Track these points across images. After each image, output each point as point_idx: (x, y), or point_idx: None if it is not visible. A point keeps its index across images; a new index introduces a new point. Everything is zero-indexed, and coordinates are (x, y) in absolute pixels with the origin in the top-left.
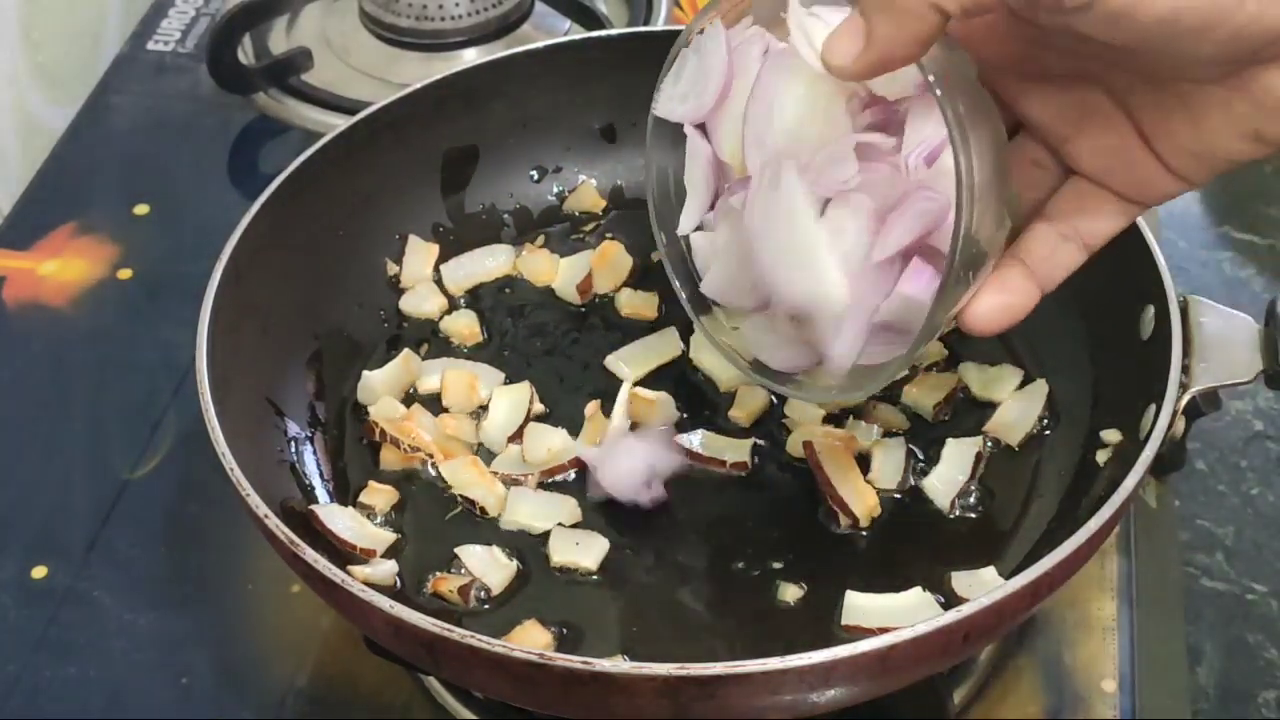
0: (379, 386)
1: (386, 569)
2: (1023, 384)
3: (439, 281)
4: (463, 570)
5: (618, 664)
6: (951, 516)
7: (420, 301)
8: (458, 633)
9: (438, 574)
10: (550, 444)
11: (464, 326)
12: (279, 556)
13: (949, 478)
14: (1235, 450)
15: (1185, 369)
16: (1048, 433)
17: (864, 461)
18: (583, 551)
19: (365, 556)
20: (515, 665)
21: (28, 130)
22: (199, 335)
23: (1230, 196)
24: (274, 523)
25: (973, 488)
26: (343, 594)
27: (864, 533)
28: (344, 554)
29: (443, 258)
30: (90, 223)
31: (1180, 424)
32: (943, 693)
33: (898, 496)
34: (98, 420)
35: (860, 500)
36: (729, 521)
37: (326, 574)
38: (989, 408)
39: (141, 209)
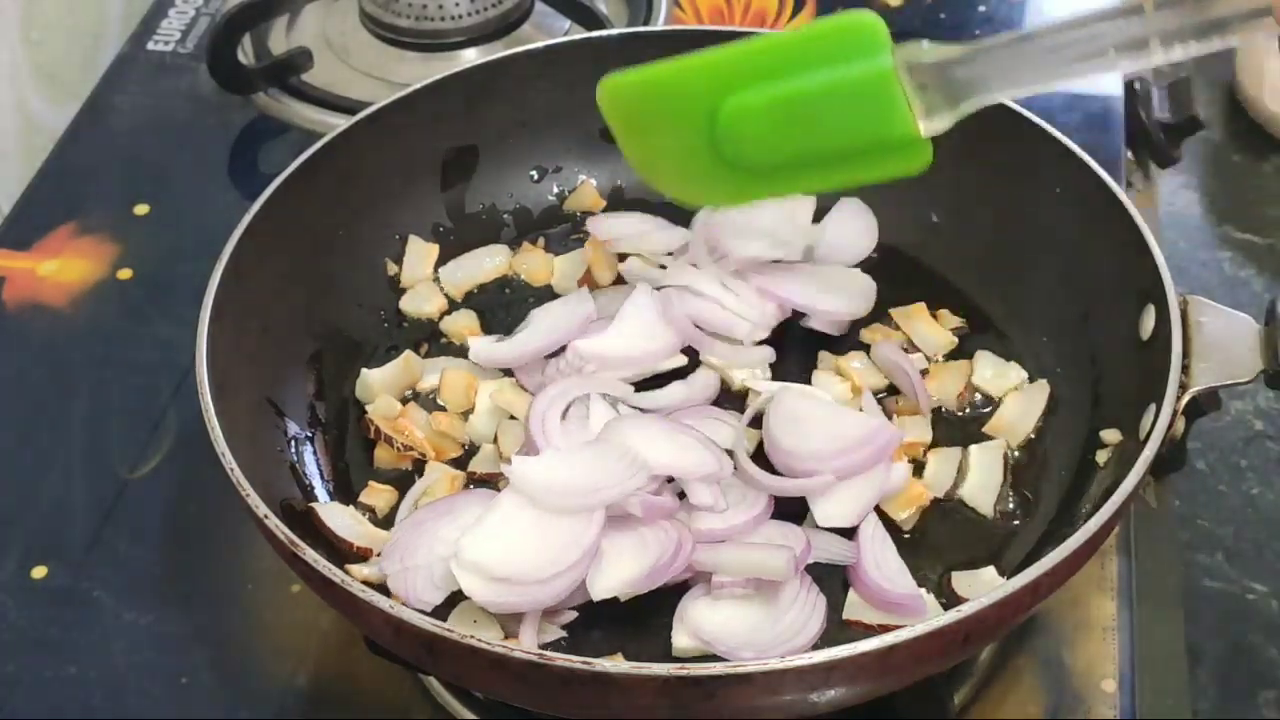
0: (376, 385)
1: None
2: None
3: (438, 282)
4: None
5: (618, 664)
6: (996, 521)
7: (420, 302)
8: (457, 633)
9: None
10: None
11: (464, 326)
12: (279, 556)
13: (986, 483)
14: (1235, 450)
15: (1185, 369)
16: (1048, 433)
17: None
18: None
19: (363, 555)
20: (515, 665)
21: (28, 130)
22: (199, 335)
23: (1230, 196)
24: (274, 523)
25: (1009, 491)
26: (343, 594)
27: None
28: (343, 553)
29: (443, 258)
30: (90, 223)
31: (1180, 424)
32: (943, 693)
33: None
34: (98, 420)
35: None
36: None
37: (326, 574)
38: (987, 416)
39: (141, 209)
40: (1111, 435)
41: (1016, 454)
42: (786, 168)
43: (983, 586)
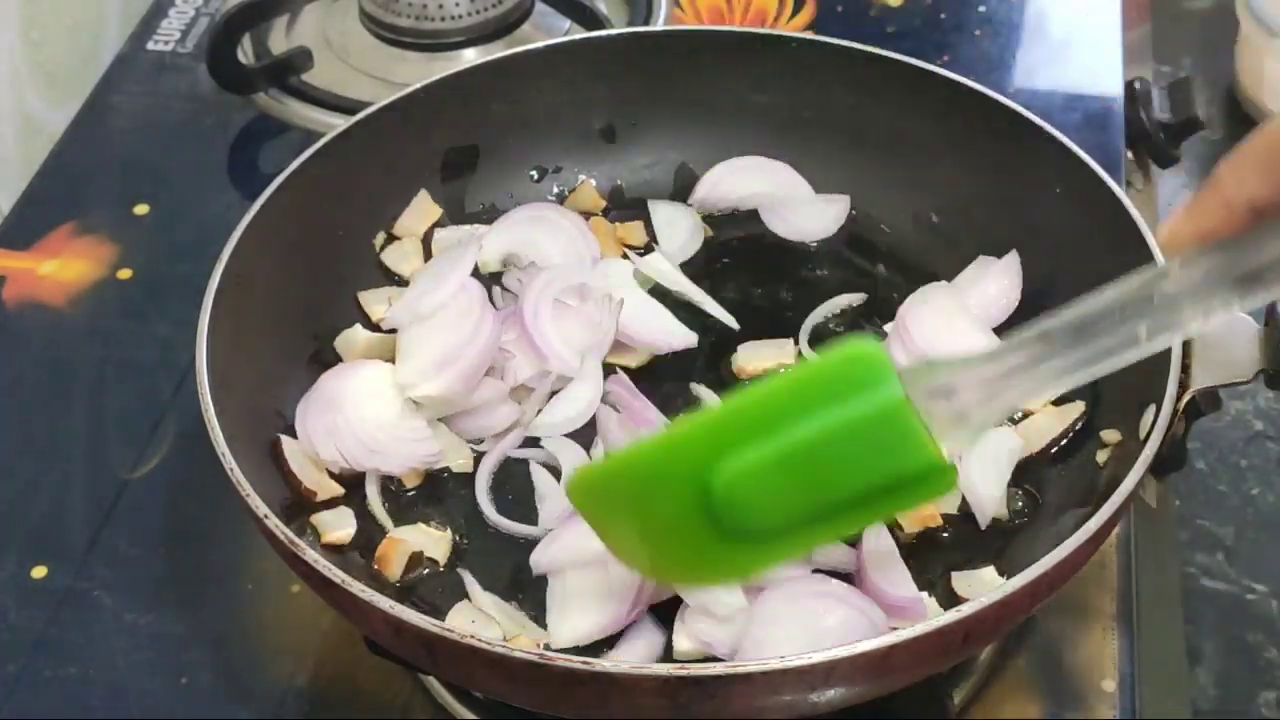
0: (360, 346)
1: (347, 518)
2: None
3: (427, 244)
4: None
5: (618, 664)
6: (996, 521)
7: (401, 259)
8: (457, 633)
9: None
10: None
11: None
12: (279, 556)
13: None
14: (1235, 450)
15: (1185, 369)
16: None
17: None
18: None
19: (308, 496)
20: (515, 665)
21: (28, 130)
22: (199, 335)
23: None
24: (274, 523)
25: (1017, 492)
26: (343, 594)
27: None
28: (302, 496)
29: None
30: (90, 223)
31: (1180, 424)
32: (943, 693)
33: None
34: (98, 420)
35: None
36: None
37: (326, 574)
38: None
39: (141, 209)
40: (1111, 435)
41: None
42: (799, 525)
43: (983, 586)
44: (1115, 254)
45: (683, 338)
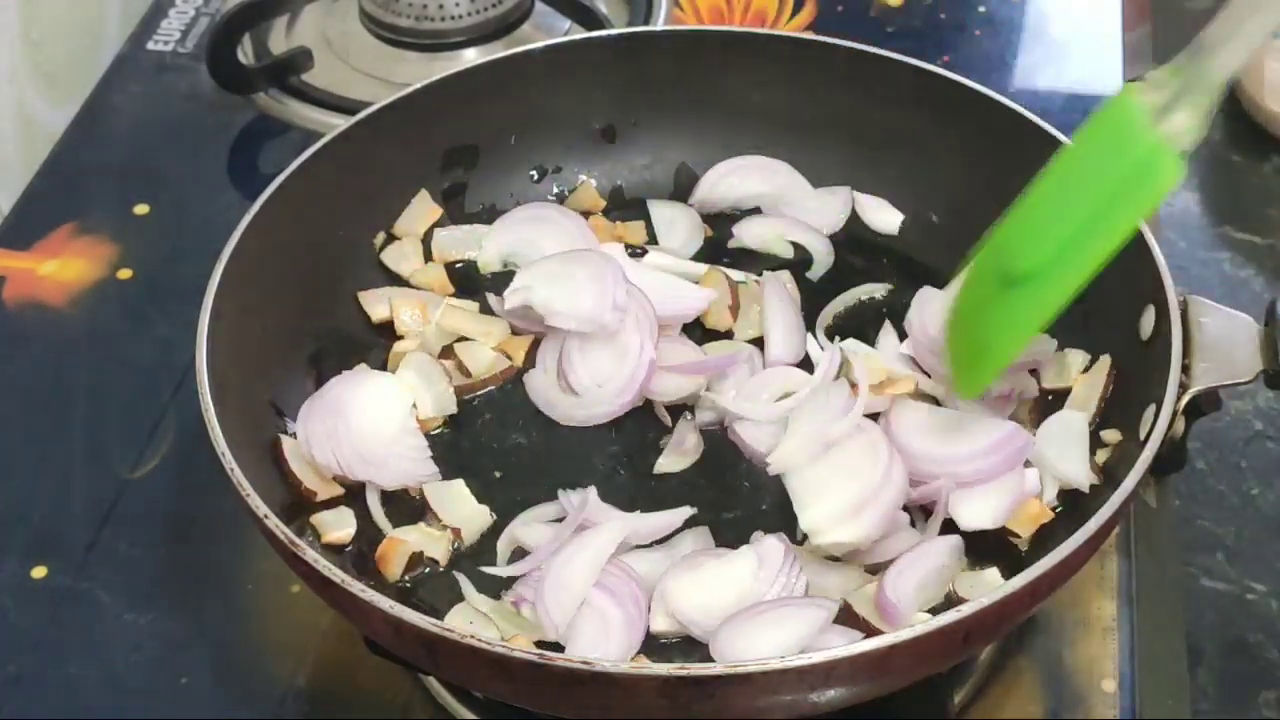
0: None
1: (347, 518)
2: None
3: (427, 244)
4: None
5: (617, 664)
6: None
7: (401, 259)
8: (457, 633)
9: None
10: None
11: (434, 279)
12: (279, 556)
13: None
14: (1235, 450)
15: (1185, 369)
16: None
17: None
18: None
19: (308, 496)
20: (515, 665)
21: (28, 130)
22: (199, 335)
23: (1230, 197)
24: (274, 523)
25: None
26: (343, 594)
27: None
28: (303, 496)
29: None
30: (90, 223)
31: (1180, 424)
32: (943, 693)
33: None
34: (98, 420)
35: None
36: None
37: (326, 574)
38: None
39: (141, 209)
40: (1111, 435)
41: None
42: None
43: (983, 586)
44: (1115, 254)
45: (698, 299)
